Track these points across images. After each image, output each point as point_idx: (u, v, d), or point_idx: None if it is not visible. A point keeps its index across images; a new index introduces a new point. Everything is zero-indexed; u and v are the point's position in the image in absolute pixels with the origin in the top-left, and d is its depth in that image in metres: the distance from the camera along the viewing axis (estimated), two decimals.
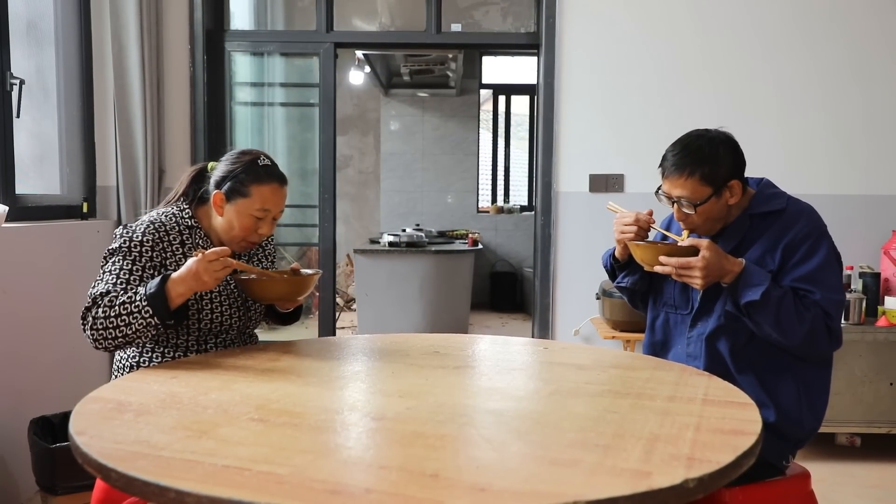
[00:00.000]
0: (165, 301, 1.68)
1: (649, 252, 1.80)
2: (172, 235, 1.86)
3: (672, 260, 1.74)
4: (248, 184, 1.85)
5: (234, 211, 1.86)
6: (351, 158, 8.47)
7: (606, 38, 3.75)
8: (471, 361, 1.84)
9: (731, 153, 1.81)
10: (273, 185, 1.87)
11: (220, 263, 1.70)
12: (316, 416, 1.30)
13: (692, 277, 1.73)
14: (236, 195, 1.85)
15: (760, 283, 1.71)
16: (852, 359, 3.30)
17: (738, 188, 1.81)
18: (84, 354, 3.13)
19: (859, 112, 3.71)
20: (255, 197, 1.85)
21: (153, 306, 1.67)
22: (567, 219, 3.78)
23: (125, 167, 3.54)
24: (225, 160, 1.91)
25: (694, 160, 1.78)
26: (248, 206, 1.85)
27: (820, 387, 1.84)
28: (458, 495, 0.95)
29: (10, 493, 2.69)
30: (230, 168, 1.87)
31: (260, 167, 1.87)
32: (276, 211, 1.89)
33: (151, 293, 1.68)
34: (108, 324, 1.69)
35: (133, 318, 1.68)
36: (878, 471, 3.25)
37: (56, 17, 3.38)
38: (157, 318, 1.68)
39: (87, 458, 1.11)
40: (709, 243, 1.73)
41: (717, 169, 1.78)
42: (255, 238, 1.89)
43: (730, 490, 1.67)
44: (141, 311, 1.68)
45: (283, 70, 4.62)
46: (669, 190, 1.83)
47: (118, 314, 1.68)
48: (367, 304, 5.72)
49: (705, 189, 1.78)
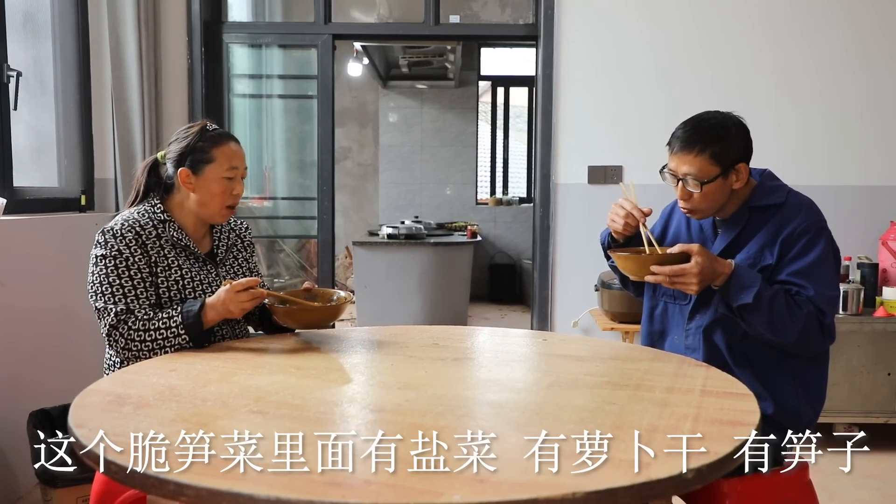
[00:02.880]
0: (202, 328, 1.77)
1: (636, 263, 1.77)
2: (149, 230, 1.87)
3: (665, 269, 1.71)
4: (209, 149, 1.88)
5: (204, 181, 1.88)
6: (349, 151, 8.45)
7: (605, 28, 3.74)
8: (470, 353, 1.84)
9: (742, 136, 1.81)
10: (230, 143, 1.92)
11: (247, 295, 1.76)
12: (315, 409, 1.30)
13: (687, 284, 1.71)
14: (201, 164, 1.88)
15: (752, 286, 1.70)
16: (850, 349, 3.31)
17: (744, 172, 1.79)
18: (83, 347, 3.12)
19: (858, 102, 3.71)
20: (221, 158, 1.88)
21: (190, 334, 1.76)
22: (566, 210, 3.78)
23: (123, 160, 3.53)
24: (175, 141, 1.93)
25: (705, 137, 1.77)
26: (216, 169, 1.88)
27: (817, 379, 1.84)
28: (457, 487, 0.96)
29: (10, 485, 2.70)
30: (184, 144, 1.90)
31: (211, 132, 1.91)
32: (242, 167, 1.93)
33: (190, 323, 1.75)
34: (144, 347, 1.76)
35: (168, 343, 1.76)
36: (876, 461, 3.26)
37: (53, 8, 3.37)
38: (193, 342, 1.76)
39: (86, 451, 1.11)
40: (699, 248, 1.71)
41: (728, 149, 1.77)
42: (232, 200, 1.92)
43: (728, 480, 1.68)
44: (177, 338, 1.76)
45: (281, 62, 4.60)
46: (676, 167, 1.80)
47: (154, 339, 1.75)
48: (366, 297, 5.72)
49: (714, 168, 1.76)
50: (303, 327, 1.96)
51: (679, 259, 1.72)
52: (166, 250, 1.87)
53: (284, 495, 0.92)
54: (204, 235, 1.99)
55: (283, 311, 1.87)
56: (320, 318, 1.90)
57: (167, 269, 1.86)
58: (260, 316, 2.07)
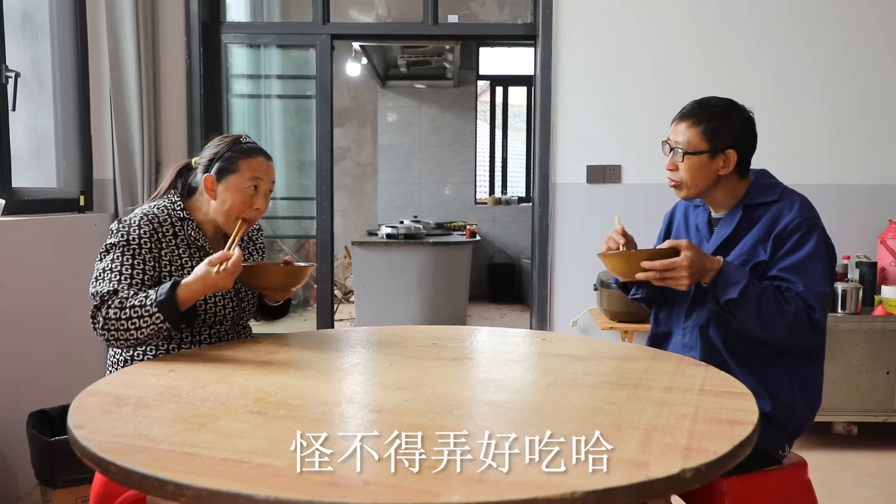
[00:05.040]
0: (176, 306, 1.71)
1: (625, 260, 1.75)
2: (166, 227, 1.87)
3: (656, 263, 1.71)
4: (236, 160, 1.87)
5: (226, 189, 1.87)
6: (348, 150, 8.45)
7: (603, 28, 3.74)
8: (469, 353, 1.84)
9: (743, 127, 1.83)
10: (259, 158, 1.90)
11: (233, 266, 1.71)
12: (314, 409, 1.30)
13: (678, 279, 1.71)
14: (226, 173, 1.87)
15: (738, 281, 1.70)
16: (849, 348, 3.31)
17: (732, 160, 1.81)
18: (82, 348, 3.13)
19: (857, 101, 3.71)
20: (245, 170, 1.87)
21: (164, 312, 1.70)
22: (565, 210, 3.78)
23: (121, 160, 3.53)
24: (209, 147, 1.94)
25: (704, 113, 1.83)
26: (239, 180, 1.86)
27: (814, 376, 1.85)
28: (456, 487, 0.96)
29: (10, 486, 2.70)
30: (215, 151, 1.90)
31: (244, 144, 1.91)
32: (267, 182, 1.91)
33: (161, 300, 1.70)
34: (120, 326, 1.70)
35: (143, 322, 1.70)
36: (874, 459, 3.26)
37: (51, 9, 3.37)
38: (168, 322, 1.71)
39: (85, 452, 1.11)
40: (688, 243, 1.72)
41: (722, 130, 1.80)
42: (252, 214, 1.90)
43: (727, 479, 1.68)
44: (152, 317, 1.70)
45: (280, 62, 4.60)
46: (672, 136, 1.86)
47: (129, 317, 1.70)
48: (365, 297, 5.72)
49: (702, 143, 1.80)
50: (268, 289, 1.90)
51: (668, 255, 1.72)
52: (181, 249, 1.87)
53: (284, 496, 0.92)
54: (219, 240, 1.98)
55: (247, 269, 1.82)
56: (284, 279, 1.86)
57: (180, 268, 1.85)
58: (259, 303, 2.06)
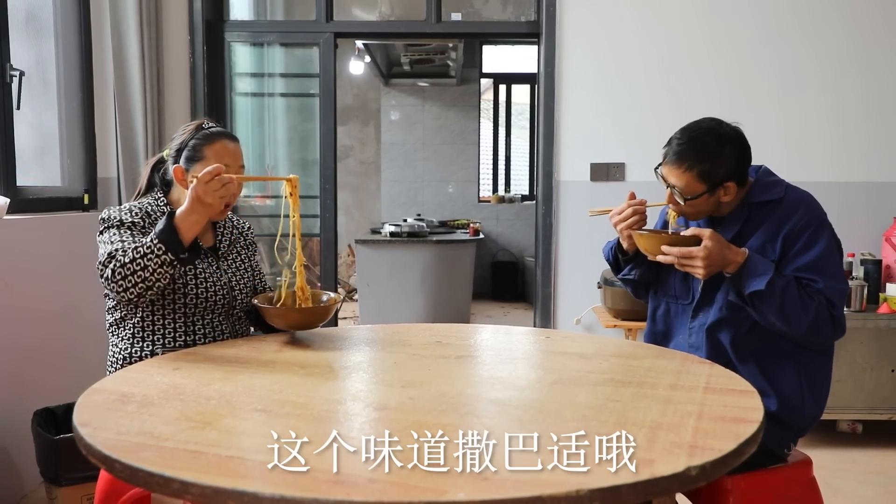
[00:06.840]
0: (176, 235, 1.70)
1: (652, 241, 1.80)
2: (153, 218, 1.90)
3: (674, 249, 1.74)
4: (200, 147, 1.90)
5: None
6: (351, 149, 8.45)
7: (607, 25, 3.73)
8: (473, 351, 1.84)
9: (737, 154, 1.79)
10: (223, 142, 1.92)
11: (217, 182, 1.71)
12: (319, 407, 1.31)
13: (694, 267, 1.73)
14: (193, 161, 1.90)
15: (765, 273, 1.70)
16: (854, 346, 3.30)
17: (733, 189, 1.81)
18: (87, 346, 3.13)
19: (860, 98, 3.70)
20: (210, 156, 1.89)
21: (165, 242, 1.69)
22: (568, 208, 3.78)
23: (126, 158, 3.54)
24: (175, 137, 1.96)
25: (695, 156, 1.77)
26: (206, 167, 1.84)
27: (821, 375, 1.84)
28: (461, 484, 0.96)
29: (15, 484, 2.71)
30: (181, 140, 1.93)
31: (206, 130, 1.93)
32: (235, 165, 1.92)
33: (160, 230, 1.70)
34: (126, 271, 1.69)
35: (148, 260, 1.69)
36: (879, 457, 3.26)
37: (55, 8, 3.37)
38: (170, 253, 1.69)
39: (91, 450, 1.11)
40: (711, 233, 1.72)
41: (717, 169, 1.77)
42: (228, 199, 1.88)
43: (732, 477, 1.68)
44: (154, 250, 1.69)
45: (283, 60, 4.60)
46: (666, 176, 1.83)
47: (133, 259, 1.69)
48: (368, 295, 5.72)
49: (699, 186, 1.78)
50: (291, 328, 1.90)
51: (691, 242, 1.74)
52: None
53: (289, 493, 0.92)
54: (206, 230, 2.01)
55: (271, 312, 1.84)
56: (309, 319, 1.86)
57: None
58: (256, 316, 2.07)
